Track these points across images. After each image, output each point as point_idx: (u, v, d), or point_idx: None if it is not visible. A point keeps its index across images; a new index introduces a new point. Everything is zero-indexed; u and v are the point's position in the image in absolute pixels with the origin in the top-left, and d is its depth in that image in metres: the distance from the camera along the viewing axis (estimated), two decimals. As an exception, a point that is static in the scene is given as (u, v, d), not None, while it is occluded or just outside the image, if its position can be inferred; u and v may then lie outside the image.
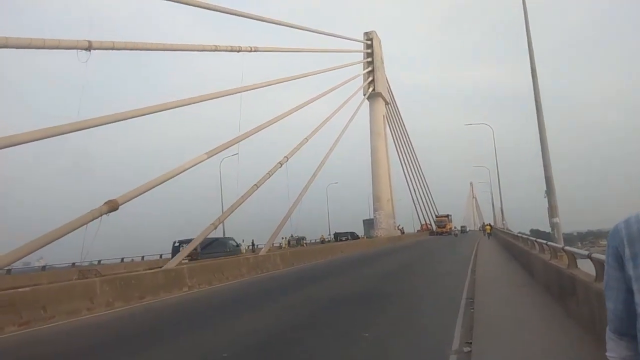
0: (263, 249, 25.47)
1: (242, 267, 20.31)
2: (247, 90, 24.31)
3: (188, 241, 25.76)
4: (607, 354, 1.46)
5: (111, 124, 14.60)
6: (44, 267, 30.30)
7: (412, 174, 78.57)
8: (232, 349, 6.75)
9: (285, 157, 29.28)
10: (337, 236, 56.38)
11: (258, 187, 24.94)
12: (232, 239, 34.07)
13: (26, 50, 12.00)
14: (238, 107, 23.69)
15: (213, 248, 28.84)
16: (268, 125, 26.68)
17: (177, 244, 29.61)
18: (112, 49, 14.67)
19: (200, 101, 19.95)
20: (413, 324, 8.11)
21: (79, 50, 13.20)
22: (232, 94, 22.80)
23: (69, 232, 12.87)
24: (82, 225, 13.25)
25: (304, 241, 52.34)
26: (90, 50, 13.52)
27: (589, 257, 5.66)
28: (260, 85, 26.49)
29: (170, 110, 18.62)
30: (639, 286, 1.30)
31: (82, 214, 13.56)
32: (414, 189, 78.37)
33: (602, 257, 5.31)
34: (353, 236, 55.93)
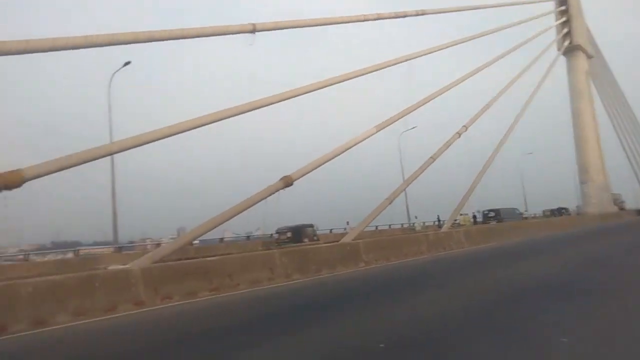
0: (445, 226, 23.65)
1: (422, 245, 19.02)
2: (414, 58, 22.67)
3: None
4: None
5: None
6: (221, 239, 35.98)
7: (633, 138, 64.40)
8: (391, 338, 5.54)
9: (464, 126, 26.79)
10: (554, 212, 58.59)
11: (434, 160, 23.16)
12: (516, 209, 46.30)
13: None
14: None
15: (507, 214, 40.58)
16: (439, 95, 24.62)
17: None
18: (276, 29, 15.03)
19: (364, 74, 19.23)
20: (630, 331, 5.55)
21: (244, 34, 13.83)
22: (399, 62, 21.47)
23: (249, 207, 13.62)
24: (261, 200, 13.90)
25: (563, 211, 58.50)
26: (254, 33, 14.04)
27: None
28: (429, 51, 24.47)
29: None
30: None
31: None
32: (636, 156, 64.12)
33: None
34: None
